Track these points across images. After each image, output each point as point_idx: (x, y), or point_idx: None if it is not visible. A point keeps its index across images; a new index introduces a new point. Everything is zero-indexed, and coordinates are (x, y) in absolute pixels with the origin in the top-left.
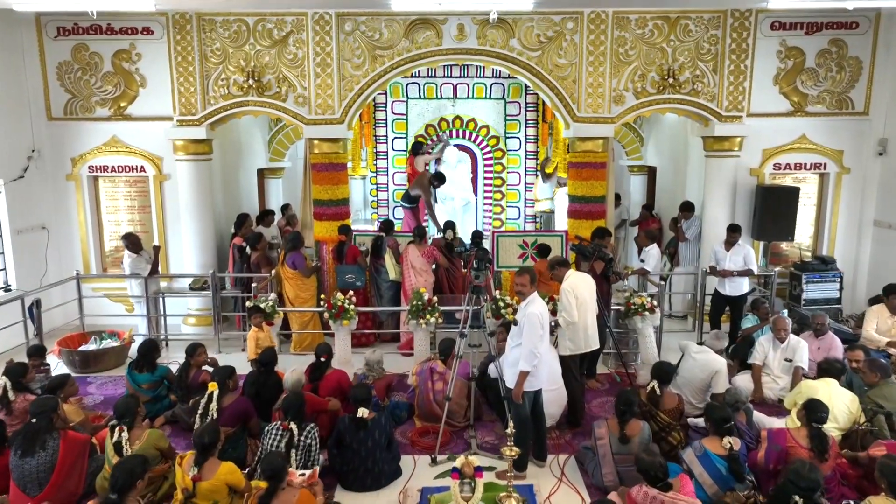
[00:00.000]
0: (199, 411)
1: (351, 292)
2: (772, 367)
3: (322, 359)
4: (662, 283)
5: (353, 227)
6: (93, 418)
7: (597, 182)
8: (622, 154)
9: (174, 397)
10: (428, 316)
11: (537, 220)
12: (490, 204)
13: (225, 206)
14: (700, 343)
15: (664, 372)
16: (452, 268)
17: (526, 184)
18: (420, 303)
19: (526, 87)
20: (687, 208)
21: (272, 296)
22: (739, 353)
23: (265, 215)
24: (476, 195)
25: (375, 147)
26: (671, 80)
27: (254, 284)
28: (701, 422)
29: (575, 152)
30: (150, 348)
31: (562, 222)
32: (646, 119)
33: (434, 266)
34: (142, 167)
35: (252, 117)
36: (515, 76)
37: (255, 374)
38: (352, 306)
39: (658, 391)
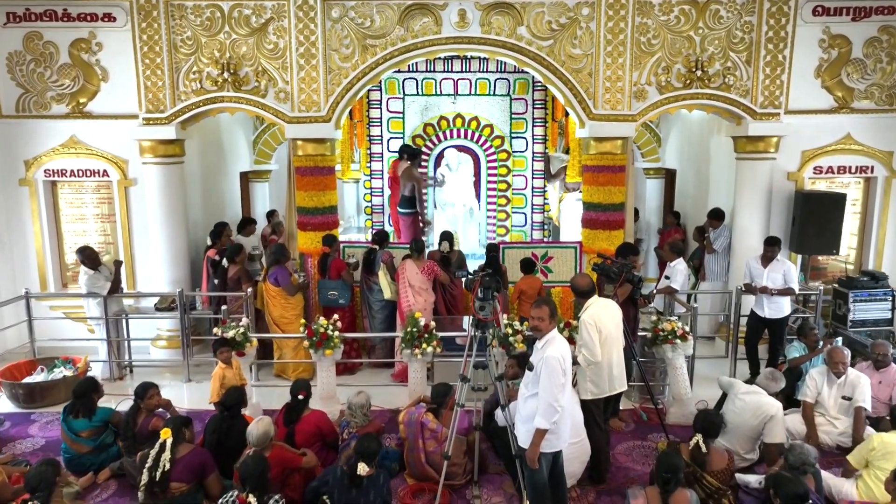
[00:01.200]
0: (148, 464)
1: (336, 316)
2: (826, 405)
3: (299, 397)
4: (695, 305)
5: (343, 238)
6: (14, 479)
7: (615, 188)
8: (637, 155)
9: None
10: (424, 345)
11: (545, 227)
12: (494, 210)
13: (204, 214)
14: (749, 381)
15: (711, 424)
16: (451, 285)
17: (533, 188)
18: (415, 329)
19: (533, 82)
20: (716, 216)
21: (244, 320)
22: (785, 388)
23: (245, 224)
24: (479, 201)
25: (369, 148)
26: (699, 73)
27: (224, 307)
28: (752, 479)
29: (590, 154)
30: (87, 388)
31: (569, 231)
32: (664, 117)
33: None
34: (104, 171)
35: (235, 115)
36: (523, 69)
37: (218, 420)
38: (336, 333)
39: (704, 448)
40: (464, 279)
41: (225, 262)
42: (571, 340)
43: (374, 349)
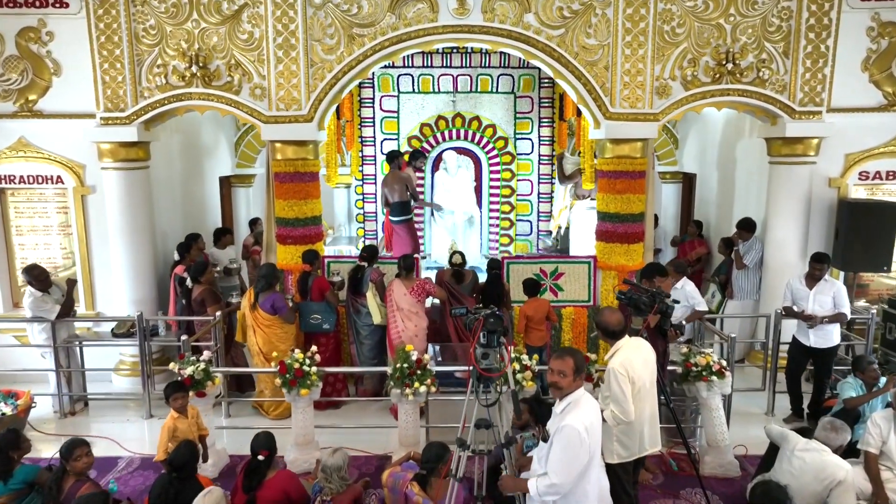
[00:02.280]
0: None
1: (314, 348)
2: (894, 457)
3: (259, 457)
4: (733, 336)
5: (330, 249)
6: None
7: (634, 196)
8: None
9: None
10: (417, 384)
11: (552, 236)
12: (497, 218)
13: (179, 224)
14: (791, 418)
15: (776, 501)
16: (457, 300)
17: (539, 194)
18: (406, 365)
19: (540, 78)
20: (746, 228)
21: (205, 354)
22: None
23: (220, 235)
24: (480, 208)
25: (361, 150)
26: (730, 67)
27: (184, 338)
28: None
29: (606, 158)
30: (3, 445)
31: (580, 243)
32: (682, 116)
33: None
34: (58, 177)
35: (215, 114)
36: (530, 62)
37: (165, 483)
38: (314, 368)
39: None
40: (464, 319)
41: (189, 281)
42: (589, 377)
43: (362, 380)
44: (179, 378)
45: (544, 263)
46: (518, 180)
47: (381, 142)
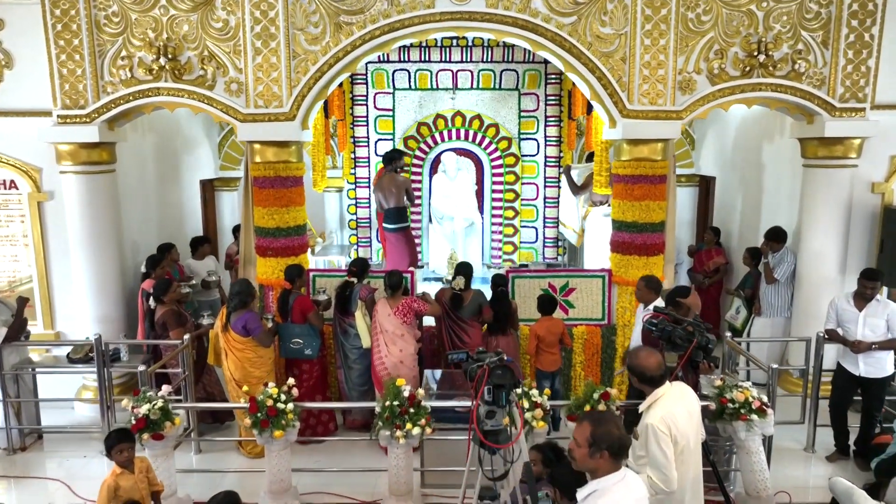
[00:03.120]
0: None
1: (290, 381)
2: None
3: None
4: (774, 367)
5: (317, 259)
6: None
7: (653, 203)
8: None
9: None
10: (409, 425)
11: (560, 244)
12: (500, 224)
13: (154, 233)
14: (835, 456)
15: None
16: (457, 324)
17: (546, 198)
18: (396, 403)
19: (546, 74)
20: (776, 238)
21: (164, 389)
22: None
23: (198, 244)
24: (482, 213)
25: (354, 152)
26: (762, 58)
27: (141, 368)
28: None
29: (622, 161)
30: None
31: (594, 254)
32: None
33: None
34: (12, 182)
35: (193, 113)
36: (536, 56)
37: None
38: (290, 405)
39: None
40: (464, 366)
41: (151, 302)
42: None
43: (351, 410)
44: (131, 418)
45: (553, 277)
46: (522, 184)
47: (376, 142)
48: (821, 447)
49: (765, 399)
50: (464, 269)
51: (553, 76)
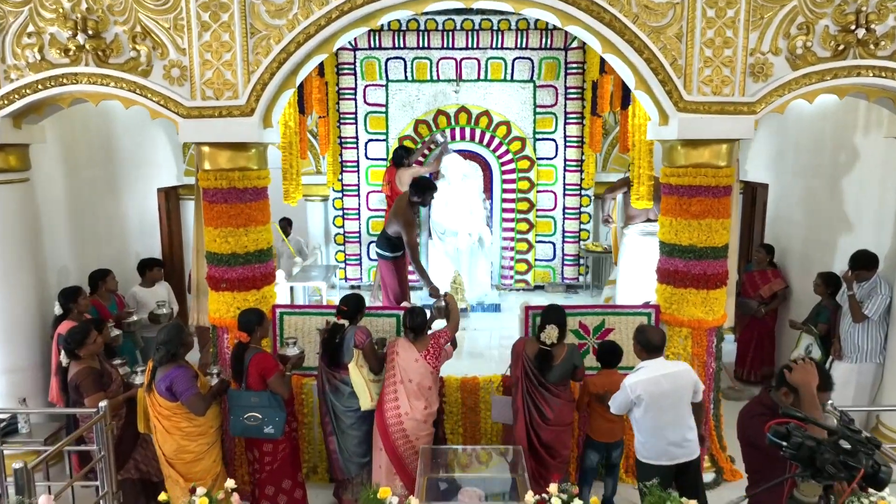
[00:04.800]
0: None
1: (230, 484)
2: None
3: None
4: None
5: (300, 287)
6: None
7: (716, 222)
8: None
9: None
10: None
11: (582, 262)
12: (511, 240)
13: (98, 254)
14: None
15: None
16: (539, 391)
17: (565, 209)
18: None
19: (566, 63)
20: (865, 264)
21: (41, 500)
22: None
23: (146, 268)
24: (491, 227)
25: (341, 154)
26: (861, 34)
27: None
28: None
29: (676, 167)
30: None
31: (631, 284)
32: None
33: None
34: None
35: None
36: (557, 44)
37: None
38: None
39: None
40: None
41: (63, 357)
42: None
43: (347, 484)
44: None
45: (585, 315)
46: (538, 192)
47: (366, 143)
48: None
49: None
50: (556, 317)
51: (574, 65)
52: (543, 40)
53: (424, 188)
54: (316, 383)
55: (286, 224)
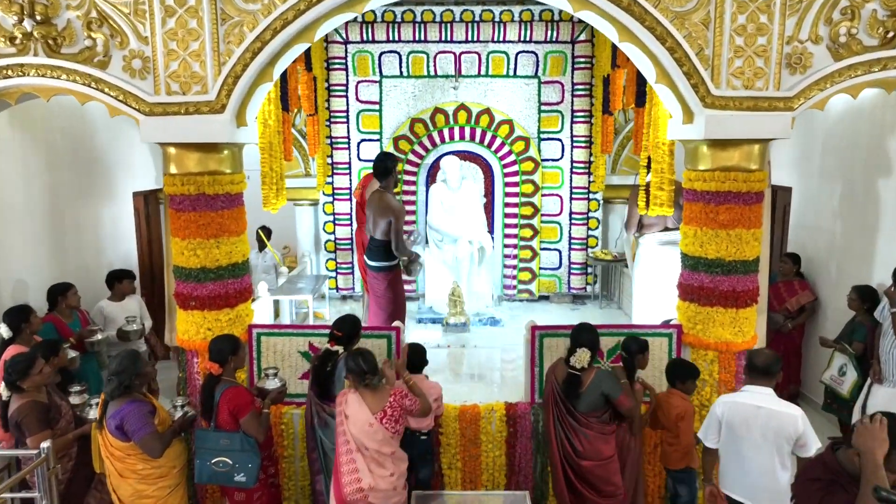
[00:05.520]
0: None
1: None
2: None
3: None
4: None
5: (286, 301)
6: None
7: (746, 232)
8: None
9: None
10: None
11: (590, 271)
12: (514, 247)
13: (61, 265)
14: None
15: None
16: (567, 419)
17: (572, 213)
18: None
19: (574, 57)
20: None
21: None
22: None
23: (115, 280)
24: (492, 233)
25: (331, 155)
26: None
27: None
28: None
29: (701, 171)
30: None
31: (647, 299)
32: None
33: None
34: None
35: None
36: (570, 22)
37: None
38: None
39: None
40: None
41: (3, 389)
42: None
43: None
44: None
45: (602, 334)
46: (543, 195)
47: (358, 143)
48: None
49: None
50: (588, 338)
51: (582, 59)
52: (549, 33)
53: (386, 167)
54: (302, 413)
55: (266, 233)
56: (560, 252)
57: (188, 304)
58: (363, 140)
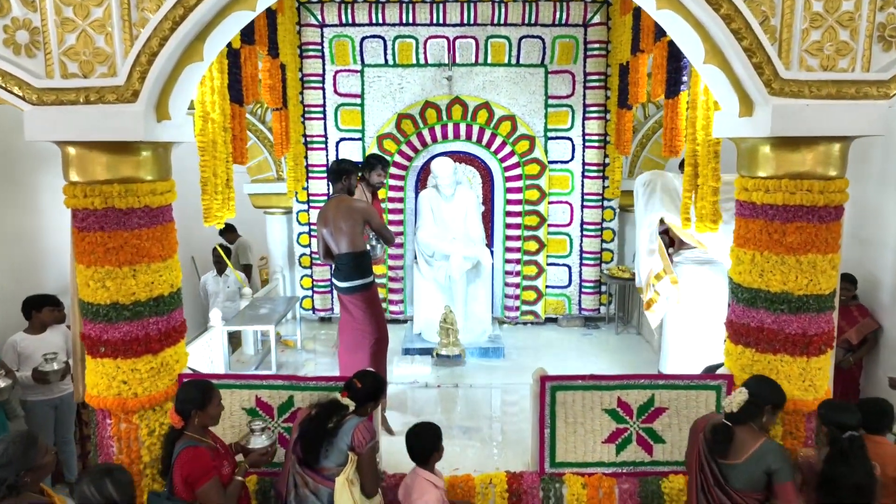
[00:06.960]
0: None
1: None
2: None
3: None
4: None
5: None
6: None
7: (821, 258)
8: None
9: None
10: None
11: (604, 290)
12: (517, 262)
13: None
14: None
15: None
16: (713, 493)
17: (583, 223)
18: None
19: (587, 43)
20: None
21: None
22: None
23: (32, 308)
24: (491, 247)
25: (306, 157)
26: None
27: None
28: None
29: (763, 179)
30: None
31: (680, 337)
32: None
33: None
34: None
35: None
36: (581, 1)
37: None
38: None
39: None
40: None
41: None
42: None
43: None
44: None
45: (625, 388)
46: (550, 203)
47: (337, 142)
48: None
49: None
50: (755, 384)
51: (596, 45)
52: (557, 14)
53: (339, 167)
54: (274, 483)
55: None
56: (570, 268)
57: (97, 351)
58: (343, 139)
